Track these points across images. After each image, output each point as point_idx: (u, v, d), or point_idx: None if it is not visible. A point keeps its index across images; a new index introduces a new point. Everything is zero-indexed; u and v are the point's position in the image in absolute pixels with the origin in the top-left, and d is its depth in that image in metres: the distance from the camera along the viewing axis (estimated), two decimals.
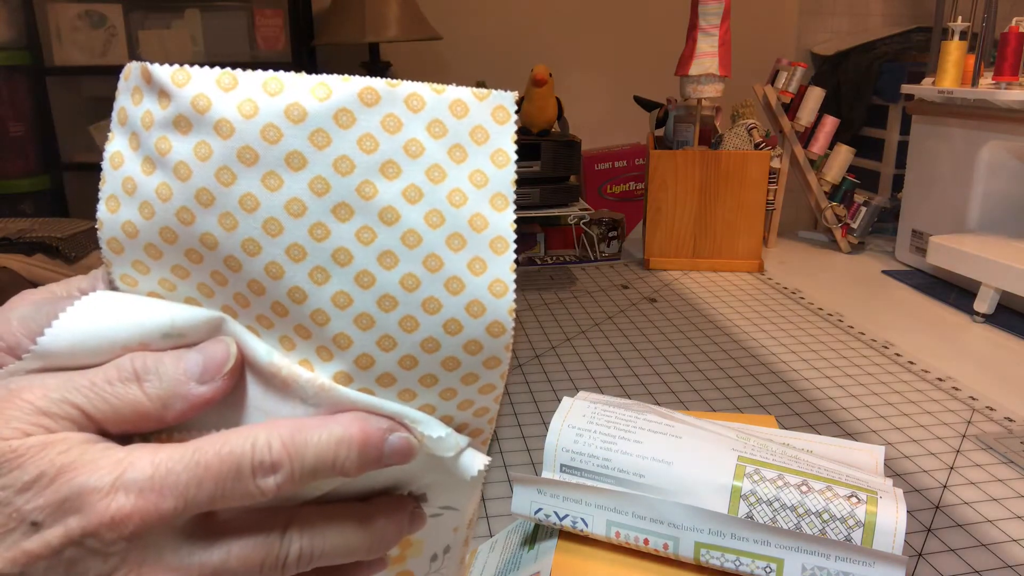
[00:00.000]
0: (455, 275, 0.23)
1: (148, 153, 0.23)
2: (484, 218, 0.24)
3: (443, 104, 0.24)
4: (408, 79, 0.25)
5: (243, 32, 1.73)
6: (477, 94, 0.24)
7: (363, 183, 0.23)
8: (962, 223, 1.29)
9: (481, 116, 0.24)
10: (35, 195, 1.69)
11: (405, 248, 0.23)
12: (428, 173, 0.23)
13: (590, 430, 0.43)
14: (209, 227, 0.23)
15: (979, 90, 1.20)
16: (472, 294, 0.24)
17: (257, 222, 0.23)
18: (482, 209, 0.24)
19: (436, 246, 0.23)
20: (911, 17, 2.13)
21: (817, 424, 0.81)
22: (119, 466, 0.22)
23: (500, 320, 0.24)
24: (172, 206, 0.23)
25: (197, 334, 0.25)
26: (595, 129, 2.06)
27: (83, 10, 1.63)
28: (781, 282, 1.33)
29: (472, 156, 0.24)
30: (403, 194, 0.23)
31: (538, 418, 0.82)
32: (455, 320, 0.24)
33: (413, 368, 0.24)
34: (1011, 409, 0.85)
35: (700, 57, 1.33)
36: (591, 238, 1.47)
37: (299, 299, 0.23)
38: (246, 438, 0.23)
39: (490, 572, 0.47)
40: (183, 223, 0.23)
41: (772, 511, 0.39)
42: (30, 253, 0.99)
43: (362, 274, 0.23)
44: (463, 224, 0.23)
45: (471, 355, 0.24)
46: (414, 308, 0.23)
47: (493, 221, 0.24)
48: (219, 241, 0.23)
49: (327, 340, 0.24)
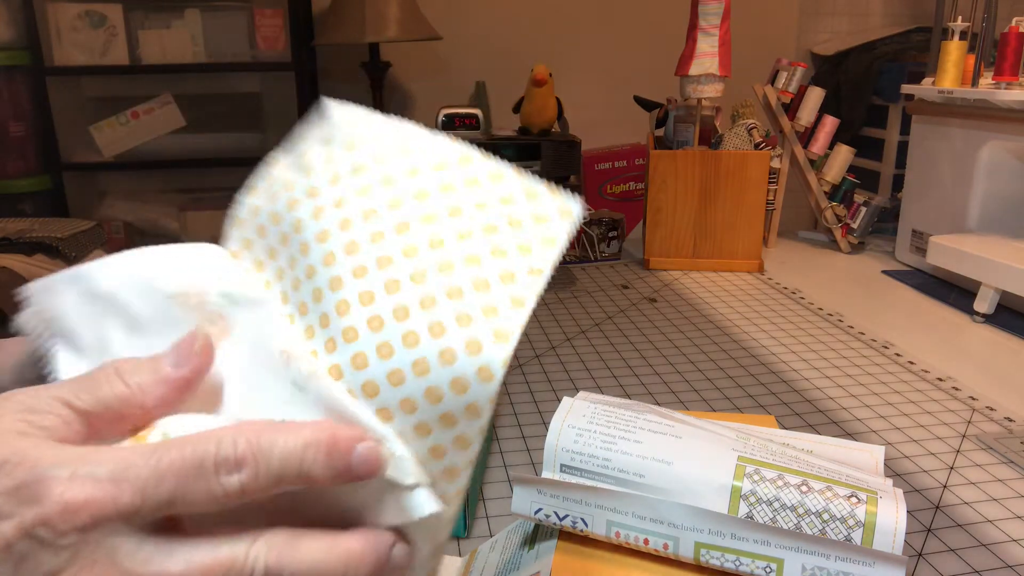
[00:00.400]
0: (466, 312, 0.25)
1: (296, 160, 0.29)
2: (514, 276, 0.26)
3: (520, 185, 0.28)
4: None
5: (243, 32, 1.73)
6: (552, 190, 0.28)
7: (431, 215, 0.27)
8: (962, 223, 1.29)
9: (549, 207, 0.28)
10: (35, 195, 1.69)
11: (438, 273, 0.26)
12: (486, 227, 0.27)
13: (590, 430, 0.43)
14: (303, 214, 0.27)
15: (979, 90, 1.20)
16: (475, 333, 0.25)
17: (336, 217, 0.27)
18: (517, 270, 0.26)
19: (463, 281, 0.26)
20: (911, 17, 2.13)
21: (817, 424, 0.81)
22: (81, 459, 0.22)
23: (490, 366, 0.25)
24: (289, 195, 0.28)
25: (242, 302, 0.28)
26: (595, 129, 2.06)
27: (83, 10, 1.63)
28: (781, 282, 1.33)
29: (527, 231, 0.27)
30: (457, 233, 0.26)
31: (538, 418, 0.82)
32: (451, 350, 0.25)
33: (399, 385, 0.25)
34: (1011, 409, 0.85)
35: (700, 57, 1.33)
36: (591, 238, 1.47)
37: (335, 287, 0.26)
38: (211, 437, 0.23)
39: (490, 572, 0.47)
40: (288, 207, 0.28)
41: (772, 511, 0.39)
42: (30, 253, 0.99)
43: (392, 282, 0.25)
44: (494, 274, 0.26)
45: (456, 393, 0.25)
46: (421, 326, 0.25)
47: (522, 283, 0.26)
48: (304, 226, 0.27)
49: (338, 331, 0.25)
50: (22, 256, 0.97)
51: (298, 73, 1.71)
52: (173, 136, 1.75)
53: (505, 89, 2.00)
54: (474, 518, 0.63)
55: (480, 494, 0.67)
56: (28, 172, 1.66)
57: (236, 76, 1.78)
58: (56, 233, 1.02)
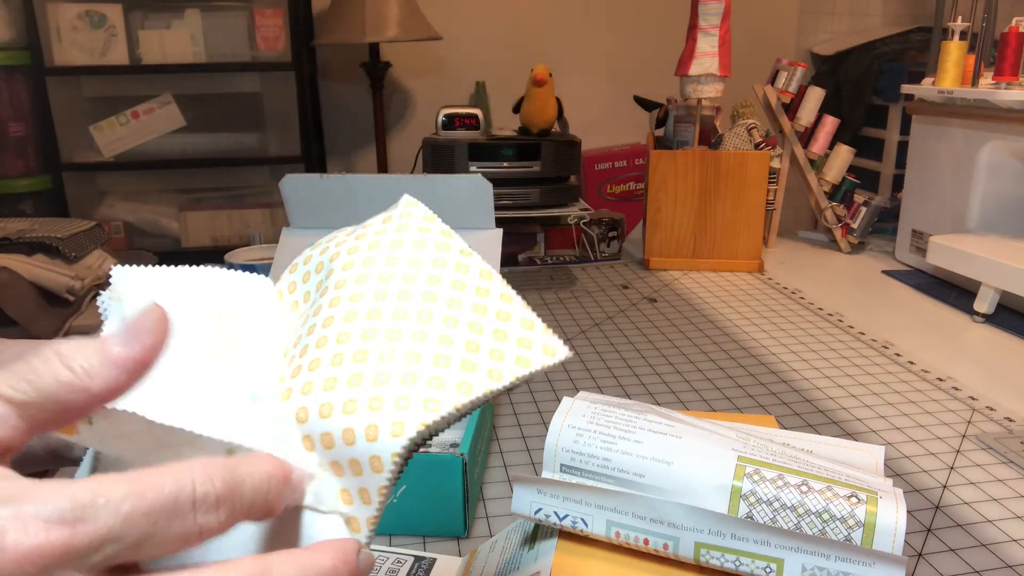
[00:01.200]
0: (381, 396, 0.27)
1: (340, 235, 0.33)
2: (443, 382, 0.27)
3: (521, 311, 0.30)
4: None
5: (243, 32, 1.73)
6: (546, 328, 0.29)
7: (402, 311, 0.29)
8: (962, 223, 1.29)
9: (537, 338, 0.29)
10: (35, 195, 1.69)
11: (377, 359, 0.28)
12: (471, 325, 0.29)
13: (590, 430, 0.43)
14: (327, 281, 0.31)
15: (979, 90, 1.20)
16: (378, 420, 0.26)
17: (339, 295, 0.30)
18: (448, 379, 0.27)
19: (427, 353, 0.28)
20: (911, 17, 2.13)
21: (817, 424, 0.81)
22: (28, 493, 0.19)
23: (381, 456, 0.26)
24: (321, 258, 0.32)
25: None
26: (595, 129, 2.05)
27: (83, 10, 1.63)
28: (781, 282, 1.33)
29: (506, 342, 0.29)
30: (414, 333, 0.28)
31: (538, 418, 0.82)
32: (352, 431, 0.26)
33: (328, 415, 0.27)
34: (1011, 409, 0.85)
35: (700, 57, 1.33)
36: (591, 238, 1.47)
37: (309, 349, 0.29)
38: (186, 471, 0.21)
39: (490, 572, 0.47)
40: (317, 268, 0.32)
41: (772, 511, 0.39)
42: (30, 253, 0.98)
43: (337, 355, 0.28)
44: (426, 375, 0.27)
45: (366, 440, 0.26)
46: (338, 400, 0.27)
47: (448, 390, 0.27)
48: (322, 293, 0.30)
49: (301, 383, 0.28)
50: (22, 256, 0.97)
51: (298, 73, 1.71)
52: (173, 136, 1.75)
53: (505, 89, 2.00)
54: (474, 518, 0.63)
55: (480, 494, 0.67)
56: (28, 172, 1.66)
57: (236, 76, 1.78)
58: (56, 233, 1.02)
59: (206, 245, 1.76)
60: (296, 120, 1.74)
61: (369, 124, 1.96)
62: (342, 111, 1.99)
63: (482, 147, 1.35)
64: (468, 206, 0.89)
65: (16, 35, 1.60)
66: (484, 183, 0.88)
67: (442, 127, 1.37)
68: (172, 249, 1.74)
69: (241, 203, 1.80)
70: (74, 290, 0.98)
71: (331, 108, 1.98)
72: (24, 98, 1.63)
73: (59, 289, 0.97)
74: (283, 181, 0.91)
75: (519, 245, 1.46)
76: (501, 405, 0.85)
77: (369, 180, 0.90)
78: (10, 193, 1.66)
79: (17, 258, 0.96)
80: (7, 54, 1.58)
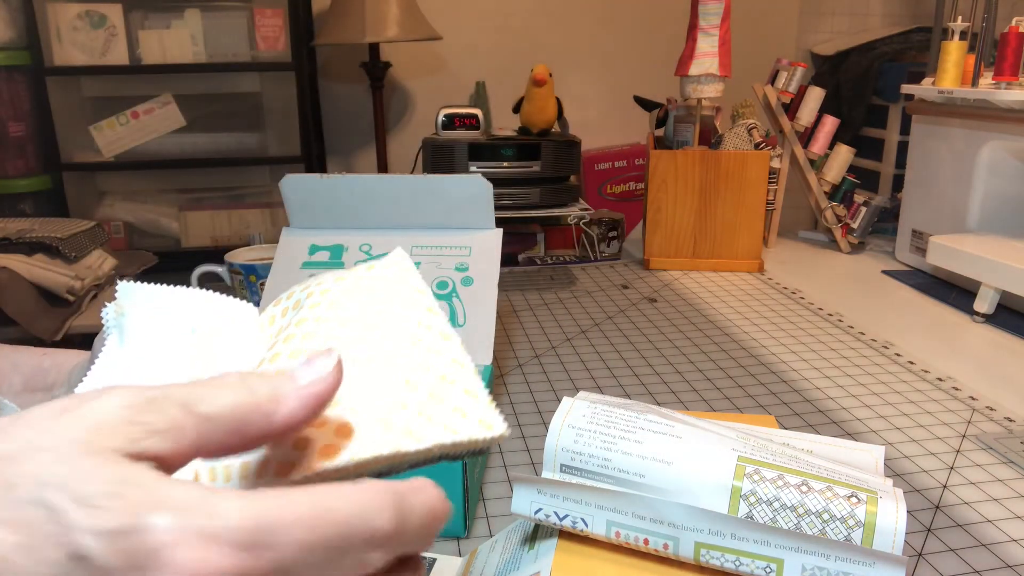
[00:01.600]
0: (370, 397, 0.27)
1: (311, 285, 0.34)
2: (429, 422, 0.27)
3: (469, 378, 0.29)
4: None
5: (243, 32, 1.73)
6: (491, 402, 0.28)
7: (380, 341, 0.29)
8: (962, 223, 1.29)
9: (477, 410, 0.27)
10: (35, 195, 1.69)
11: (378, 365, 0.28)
12: (407, 382, 0.28)
13: (590, 430, 0.43)
14: (302, 313, 0.32)
15: (979, 90, 1.20)
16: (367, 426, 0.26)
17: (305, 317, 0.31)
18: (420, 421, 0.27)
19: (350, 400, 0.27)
20: (911, 17, 2.13)
21: (817, 424, 0.81)
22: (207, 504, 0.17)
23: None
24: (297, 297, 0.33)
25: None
26: (595, 129, 2.06)
27: (83, 10, 1.63)
28: (781, 282, 1.33)
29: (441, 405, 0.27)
30: (384, 370, 0.28)
31: (538, 418, 0.82)
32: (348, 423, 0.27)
33: None
34: (1011, 409, 0.85)
35: (700, 57, 1.33)
36: (591, 238, 1.47)
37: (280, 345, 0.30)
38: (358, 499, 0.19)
39: (490, 572, 0.47)
40: (295, 305, 0.33)
41: (772, 511, 0.39)
42: (30, 253, 0.98)
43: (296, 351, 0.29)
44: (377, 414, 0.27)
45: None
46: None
47: (383, 440, 0.26)
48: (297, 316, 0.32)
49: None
50: (22, 256, 0.97)
51: (298, 73, 1.71)
52: (173, 136, 1.75)
53: (505, 89, 2.00)
54: (474, 518, 0.63)
55: (480, 494, 0.67)
56: (28, 172, 1.66)
57: (236, 76, 1.78)
58: (56, 233, 1.02)
59: (206, 245, 1.76)
60: (296, 120, 1.74)
61: (369, 124, 1.96)
62: (342, 111, 1.99)
63: (482, 147, 1.35)
64: (468, 206, 0.89)
65: (16, 35, 1.60)
66: (484, 183, 0.88)
67: (442, 127, 1.37)
68: (172, 249, 1.74)
69: (241, 203, 1.80)
70: (74, 290, 0.98)
71: (331, 108, 1.98)
72: (24, 98, 1.63)
73: (59, 289, 0.97)
74: (283, 181, 0.91)
75: (519, 245, 1.46)
76: (501, 405, 0.85)
77: (369, 180, 0.90)
78: (10, 193, 1.66)
79: (17, 258, 0.96)
80: (7, 54, 1.58)
